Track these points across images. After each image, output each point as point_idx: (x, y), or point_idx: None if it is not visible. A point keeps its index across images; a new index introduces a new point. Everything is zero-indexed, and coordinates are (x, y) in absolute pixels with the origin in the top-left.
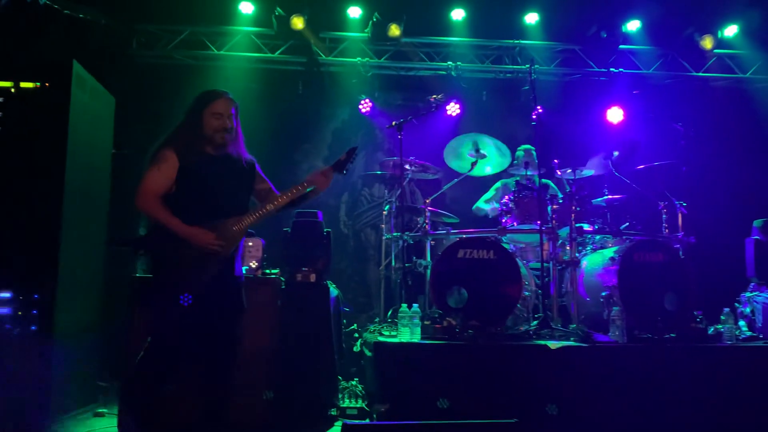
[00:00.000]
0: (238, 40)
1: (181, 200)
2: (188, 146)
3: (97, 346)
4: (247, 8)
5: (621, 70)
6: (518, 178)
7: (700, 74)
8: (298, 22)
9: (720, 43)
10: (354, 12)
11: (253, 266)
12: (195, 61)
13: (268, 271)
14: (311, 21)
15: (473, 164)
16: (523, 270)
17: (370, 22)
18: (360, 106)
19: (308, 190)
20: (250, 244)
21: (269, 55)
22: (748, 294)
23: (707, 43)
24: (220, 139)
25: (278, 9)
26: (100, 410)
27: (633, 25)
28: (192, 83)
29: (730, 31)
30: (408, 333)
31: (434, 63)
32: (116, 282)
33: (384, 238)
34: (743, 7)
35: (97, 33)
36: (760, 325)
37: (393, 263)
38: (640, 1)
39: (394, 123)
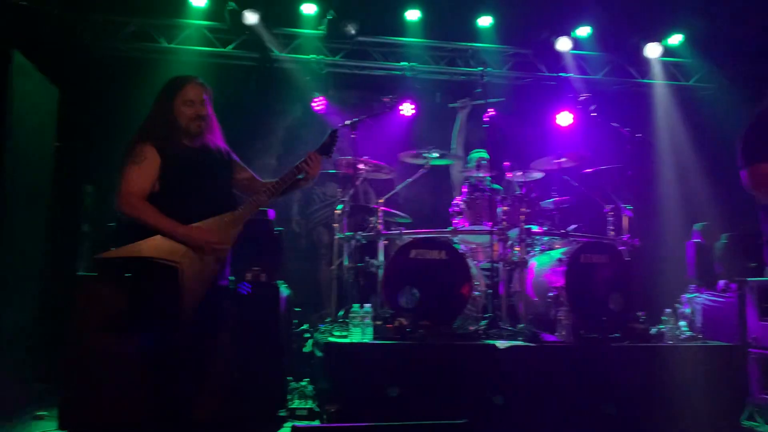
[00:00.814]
0: (189, 34)
1: (168, 200)
2: (165, 140)
3: (37, 346)
4: (199, 1)
5: (571, 75)
6: (471, 179)
7: (646, 81)
8: (251, 17)
9: (665, 52)
10: (308, 9)
11: None
12: (144, 53)
13: None
14: (265, 16)
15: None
16: (473, 270)
17: (325, 20)
18: (314, 104)
19: (299, 177)
20: None
21: (221, 49)
22: (688, 295)
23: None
24: (196, 128)
25: (231, 3)
26: (40, 413)
27: (583, 31)
28: (141, 76)
29: (675, 39)
30: (359, 333)
31: (389, 63)
32: (57, 280)
33: (336, 237)
34: (688, 16)
35: (40, 22)
36: (699, 325)
37: (345, 263)
38: (591, 8)
39: (347, 122)
